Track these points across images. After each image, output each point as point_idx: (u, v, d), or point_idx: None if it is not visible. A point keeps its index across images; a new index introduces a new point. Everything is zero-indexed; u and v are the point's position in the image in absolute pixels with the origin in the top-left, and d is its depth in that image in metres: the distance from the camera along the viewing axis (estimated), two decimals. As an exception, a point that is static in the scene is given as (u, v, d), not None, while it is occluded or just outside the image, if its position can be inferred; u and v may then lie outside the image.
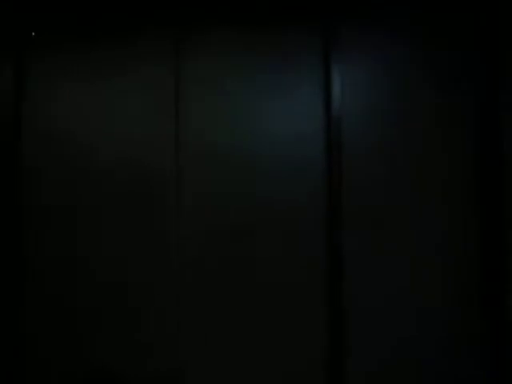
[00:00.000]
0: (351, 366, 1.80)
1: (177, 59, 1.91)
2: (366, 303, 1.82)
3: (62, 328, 1.87)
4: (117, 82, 1.91)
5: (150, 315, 1.86)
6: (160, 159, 1.89)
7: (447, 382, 1.80)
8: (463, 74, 1.85)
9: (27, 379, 1.87)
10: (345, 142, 1.85)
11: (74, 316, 1.87)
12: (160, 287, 1.86)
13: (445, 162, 1.84)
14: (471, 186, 1.83)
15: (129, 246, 1.88)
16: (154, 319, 1.86)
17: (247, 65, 1.89)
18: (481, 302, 1.81)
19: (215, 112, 1.89)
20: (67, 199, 1.90)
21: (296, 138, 1.87)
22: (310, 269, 1.84)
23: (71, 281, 1.88)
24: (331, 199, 1.83)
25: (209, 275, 1.86)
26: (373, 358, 1.81)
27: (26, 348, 1.88)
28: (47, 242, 1.89)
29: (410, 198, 1.84)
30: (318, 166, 1.86)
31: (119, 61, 1.92)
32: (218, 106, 1.89)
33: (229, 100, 1.89)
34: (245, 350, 1.84)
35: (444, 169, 1.84)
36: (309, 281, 1.83)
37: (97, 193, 1.89)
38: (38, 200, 1.91)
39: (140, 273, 1.87)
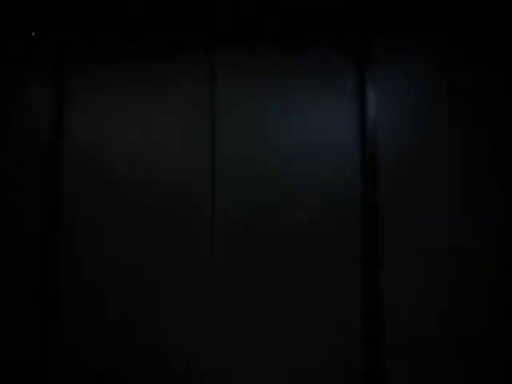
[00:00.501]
0: (389, 365, 1.84)
1: (212, 75, 1.98)
2: (402, 304, 1.85)
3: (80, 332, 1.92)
4: (151, 104, 1.99)
5: (172, 317, 1.92)
6: (197, 175, 1.95)
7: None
8: (488, 86, 1.90)
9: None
10: (379, 153, 1.90)
11: (96, 318, 1.93)
12: (185, 290, 1.91)
13: (477, 166, 1.88)
14: (504, 188, 1.87)
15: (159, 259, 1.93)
16: (175, 322, 1.91)
17: (283, 80, 1.96)
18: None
19: (251, 125, 1.95)
20: (103, 218, 1.97)
21: (332, 152, 1.93)
22: (347, 269, 1.88)
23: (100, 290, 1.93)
24: (367, 206, 1.87)
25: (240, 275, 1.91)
26: (410, 356, 1.84)
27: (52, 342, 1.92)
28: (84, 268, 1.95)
29: (441, 200, 1.88)
30: (355, 179, 1.92)
31: (156, 84, 2.01)
32: (255, 119, 1.95)
33: (265, 113, 1.95)
34: (279, 347, 1.88)
35: (477, 172, 1.88)
36: (345, 280, 1.88)
37: (126, 214, 1.96)
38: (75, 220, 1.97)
39: (166, 281, 1.92)
